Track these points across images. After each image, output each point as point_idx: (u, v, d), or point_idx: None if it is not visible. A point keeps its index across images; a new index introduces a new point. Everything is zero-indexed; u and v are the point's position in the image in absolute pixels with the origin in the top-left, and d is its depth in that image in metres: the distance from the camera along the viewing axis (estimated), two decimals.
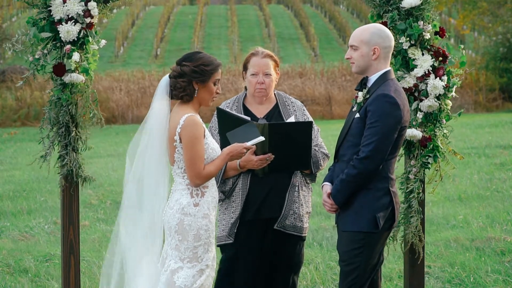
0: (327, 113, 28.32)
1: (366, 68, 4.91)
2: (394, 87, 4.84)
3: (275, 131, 5.19)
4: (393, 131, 4.77)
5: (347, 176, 4.81)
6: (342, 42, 43.99)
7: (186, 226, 4.81)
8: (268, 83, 5.48)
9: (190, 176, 4.81)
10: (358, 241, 4.82)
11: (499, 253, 7.85)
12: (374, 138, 4.73)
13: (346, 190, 4.83)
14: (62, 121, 5.56)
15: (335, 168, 5.01)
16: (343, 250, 4.91)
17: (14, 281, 7.35)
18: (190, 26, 47.10)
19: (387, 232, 4.92)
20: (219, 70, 4.91)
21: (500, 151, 14.44)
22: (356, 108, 4.93)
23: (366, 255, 4.83)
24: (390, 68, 4.94)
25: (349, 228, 4.86)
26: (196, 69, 4.83)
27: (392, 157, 4.87)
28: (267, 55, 5.51)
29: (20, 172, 14.22)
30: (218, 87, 4.95)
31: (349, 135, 4.91)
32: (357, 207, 4.84)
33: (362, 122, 4.82)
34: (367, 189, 4.82)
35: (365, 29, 4.93)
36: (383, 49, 4.88)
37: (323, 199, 4.99)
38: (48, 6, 5.51)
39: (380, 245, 4.90)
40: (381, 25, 5.00)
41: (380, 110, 4.75)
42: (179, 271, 4.82)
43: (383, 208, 4.83)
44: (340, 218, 4.96)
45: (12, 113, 26.96)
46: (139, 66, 35.40)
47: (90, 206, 10.98)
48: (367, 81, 4.92)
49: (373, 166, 4.76)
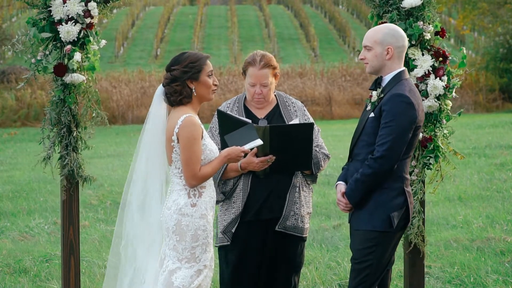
0: (327, 113, 28.33)
1: (380, 68, 4.93)
2: (408, 87, 4.86)
3: (276, 133, 5.19)
4: (408, 131, 4.79)
5: (362, 176, 4.82)
6: (342, 42, 43.99)
7: (183, 227, 4.81)
8: (265, 92, 5.47)
9: (186, 177, 4.81)
10: (371, 239, 4.84)
11: (499, 253, 7.85)
12: (389, 137, 4.75)
13: (360, 189, 4.84)
14: (64, 121, 5.57)
15: (350, 167, 5.02)
16: (356, 248, 4.92)
17: (14, 281, 7.35)
18: (190, 26, 47.11)
19: (400, 232, 4.93)
20: (208, 62, 4.93)
21: (500, 151, 14.45)
22: (370, 108, 4.94)
23: (378, 254, 4.85)
24: (404, 68, 4.96)
25: (363, 227, 4.88)
26: (185, 69, 4.84)
27: (406, 156, 4.88)
28: (264, 65, 5.43)
29: (20, 172, 14.22)
30: (214, 78, 4.95)
31: (363, 135, 4.92)
32: (371, 206, 4.85)
33: (377, 121, 4.84)
34: (382, 188, 4.83)
35: (378, 30, 4.95)
36: (397, 48, 4.89)
37: (338, 199, 5.00)
38: (48, 7, 5.51)
39: (392, 245, 4.92)
40: (394, 25, 5.01)
41: (395, 109, 4.77)
42: (177, 272, 4.82)
43: (397, 208, 4.85)
44: (354, 217, 4.97)
45: (12, 113, 26.97)
46: (139, 66, 35.40)
47: (90, 206, 10.98)
48: (381, 81, 4.94)
49: (388, 166, 4.77)
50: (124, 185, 5.02)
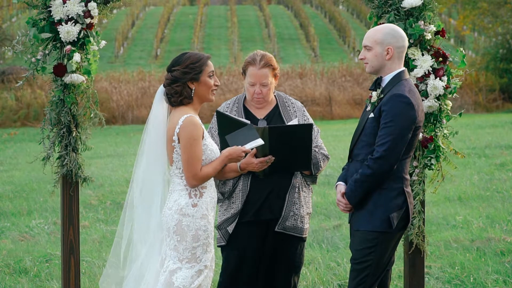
0: (327, 113, 28.33)
1: (380, 68, 4.92)
2: (408, 87, 4.86)
3: (276, 134, 5.19)
4: (407, 131, 4.78)
5: (362, 176, 4.81)
6: (342, 42, 44.00)
7: (184, 227, 4.81)
8: (265, 92, 5.47)
9: (187, 177, 4.81)
10: (371, 240, 4.83)
11: (499, 253, 7.86)
12: (389, 138, 4.75)
13: (360, 190, 4.84)
14: (64, 121, 5.57)
15: (349, 167, 5.02)
16: (355, 248, 4.92)
17: (14, 281, 7.35)
18: (190, 26, 47.11)
19: (400, 232, 4.93)
20: (209, 62, 4.92)
21: (500, 152, 14.46)
22: (370, 108, 4.94)
23: (378, 254, 4.84)
24: (404, 68, 4.96)
25: (362, 227, 4.87)
26: (186, 70, 4.84)
27: (406, 157, 4.88)
28: (264, 64, 5.44)
29: (20, 172, 14.22)
30: (215, 79, 4.95)
31: (363, 135, 4.92)
32: (371, 206, 4.85)
33: (376, 122, 4.83)
34: (382, 189, 4.83)
35: (378, 30, 4.94)
36: (397, 49, 4.89)
37: (337, 199, 5.00)
38: (48, 7, 5.51)
39: (392, 245, 4.92)
40: (394, 25, 5.01)
41: (394, 110, 4.76)
42: (178, 272, 4.82)
43: (397, 208, 4.84)
44: (353, 218, 4.97)
45: (12, 113, 26.97)
46: (139, 66, 35.40)
47: (90, 206, 10.98)
48: (381, 81, 4.94)
49: (387, 166, 4.77)
50: (124, 185, 5.02)
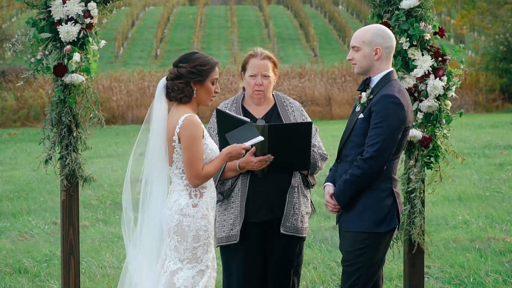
0: (327, 113, 28.32)
1: (369, 68, 4.91)
2: (397, 87, 4.85)
3: (275, 132, 5.18)
4: (397, 132, 4.77)
5: (351, 177, 4.79)
6: (342, 42, 44.00)
7: (185, 227, 4.81)
8: (266, 84, 5.48)
9: (189, 177, 4.81)
10: (361, 241, 4.81)
11: (499, 253, 7.86)
12: (379, 138, 4.73)
13: (349, 190, 4.82)
14: (65, 121, 5.57)
15: (338, 168, 5.00)
16: (346, 250, 4.89)
17: (14, 281, 7.36)
18: (190, 26, 47.11)
19: (390, 232, 4.90)
20: (216, 69, 4.91)
21: (500, 152, 14.45)
22: (360, 109, 4.92)
23: (369, 255, 4.82)
24: (392, 68, 4.95)
25: (352, 228, 4.85)
26: (193, 70, 4.83)
27: (395, 157, 4.87)
28: (266, 56, 5.49)
29: (20, 172, 14.21)
30: (217, 86, 4.94)
31: (352, 136, 4.90)
32: (360, 207, 4.83)
33: (366, 122, 4.82)
34: (371, 189, 4.81)
35: (366, 30, 4.93)
36: (385, 49, 4.88)
37: (326, 200, 4.97)
38: (48, 7, 5.52)
39: (383, 246, 4.89)
40: (382, 26, 5.00)
41: (384, 110, 4.75)
42: (179, 272, 4.81)
43: (387, 209, 4.83)
44: (342, 219, 4.94)
45: (12, 113, 26.97)
46: (139, 66, 35.39)
47: (89, 206, 10.98)
48: (370, 82, 4.92)
49: (377, 167, 4.75)
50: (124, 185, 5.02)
